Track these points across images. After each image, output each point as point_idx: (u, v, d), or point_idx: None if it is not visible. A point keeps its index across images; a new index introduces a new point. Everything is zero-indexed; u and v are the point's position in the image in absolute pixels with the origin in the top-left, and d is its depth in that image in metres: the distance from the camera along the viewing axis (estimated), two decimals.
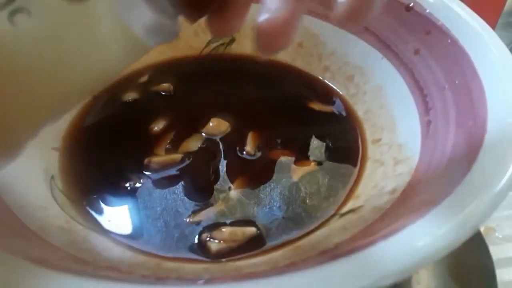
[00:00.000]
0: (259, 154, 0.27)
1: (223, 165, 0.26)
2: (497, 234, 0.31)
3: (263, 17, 0.16)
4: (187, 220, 0.23)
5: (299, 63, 0.34)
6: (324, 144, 0.28)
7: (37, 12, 0.10)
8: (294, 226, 0.23)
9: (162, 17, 0.13)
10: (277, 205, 0.24)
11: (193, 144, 0.27)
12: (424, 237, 0.15)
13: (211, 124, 0.28)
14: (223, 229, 0.23)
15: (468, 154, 0.18)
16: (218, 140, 0.28)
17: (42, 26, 0.11)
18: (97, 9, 0.12)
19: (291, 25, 0.16)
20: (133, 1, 0.12)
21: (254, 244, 0.22)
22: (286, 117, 0.30)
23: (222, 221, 0.23)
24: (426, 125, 0.24)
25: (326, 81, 0.33)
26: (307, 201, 0.25)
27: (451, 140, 0.21)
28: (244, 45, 0.34)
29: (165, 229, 0.23)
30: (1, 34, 0.10)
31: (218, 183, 0.25)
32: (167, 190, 0.25)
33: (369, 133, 0.29)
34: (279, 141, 0.28)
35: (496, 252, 0.28)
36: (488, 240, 0.28)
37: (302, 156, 0.27)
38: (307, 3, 0.17)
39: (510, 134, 0.18)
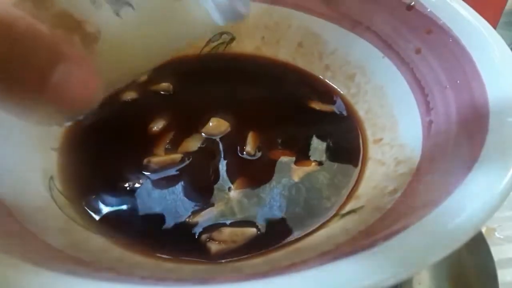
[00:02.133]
0: (259, 154, 0.27)
1: (223, 165, 0.26)
2: (498, 235, 0.31)
3: None
4: (187, 220, 0.23)
5: (300, 62, 0.33)
6: (325, 144, 0.28)
7: (139, 6, 0.13)
8: (294, 227, 0.23)
9: None
10: (277, 206, 0.24)
11: (193, 144, 0.27)
12: (425, 238, 0.15)
13: (211, 124, 0.28)
14: (223, 230, 0.22)
15: (469, 154, 0.18)
16: (218, 140, 0.28)
17: (142, 17, 0.14)
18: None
19: None
20: None
21: (254, 245, 0.22)
22: (286, 116, 0.30)
23: (222, 221, 0.23)
24: (428, 125, 0.24)
25: (327, 80, 0.33)
26: (308, 201, 0.24)
27: (452, 140, 0.21)
28: (244, 44, 0.34)
29: (165, 230, 0.23)
30: (109, 24, 0.13)
31: (218, 183, 0.25)
32: (166, 190, 0.25)
33: (370, 133, 0.28)
34: (279, 141, 0.28)
35: (498, 252, 0.27)
36: (489, 241, 0.28)
37: (302, 156, 0.27)
38: None
39: None
